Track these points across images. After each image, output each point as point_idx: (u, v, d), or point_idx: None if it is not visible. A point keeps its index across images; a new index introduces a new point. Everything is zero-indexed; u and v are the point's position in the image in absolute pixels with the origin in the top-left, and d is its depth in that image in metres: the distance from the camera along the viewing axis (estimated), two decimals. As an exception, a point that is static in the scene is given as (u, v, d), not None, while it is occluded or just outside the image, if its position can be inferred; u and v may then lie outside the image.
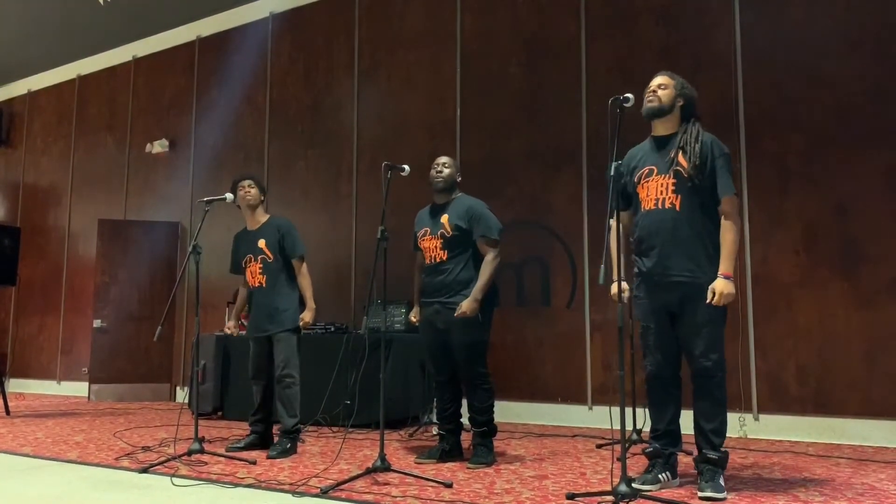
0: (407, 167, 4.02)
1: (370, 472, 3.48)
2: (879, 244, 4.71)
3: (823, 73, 4.99)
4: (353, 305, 6.84)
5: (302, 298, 4.50)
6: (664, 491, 3.14)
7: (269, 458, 4.13)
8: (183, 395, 7.64)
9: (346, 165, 7.13)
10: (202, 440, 4.11)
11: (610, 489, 2.93)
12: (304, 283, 4.49)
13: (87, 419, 6.19)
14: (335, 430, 5.31)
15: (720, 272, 3.13)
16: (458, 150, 6.38)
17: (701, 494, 3.05)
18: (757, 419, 4.98)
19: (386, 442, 3.99)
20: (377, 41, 7.08)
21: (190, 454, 3.99)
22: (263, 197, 4.63)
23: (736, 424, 4.92)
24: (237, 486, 3.42)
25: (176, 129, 8.50)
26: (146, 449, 4.50)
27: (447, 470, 3.75)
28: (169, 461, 3.91)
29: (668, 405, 3.31)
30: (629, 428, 4.26)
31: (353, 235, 6.99)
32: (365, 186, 6.97)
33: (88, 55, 9.35)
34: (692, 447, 3.32)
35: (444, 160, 4.15)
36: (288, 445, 4.27)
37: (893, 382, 4.58)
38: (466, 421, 4.07)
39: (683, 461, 3.67)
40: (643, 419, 4.12)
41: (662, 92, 3.33)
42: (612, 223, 3.13)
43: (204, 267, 4.52)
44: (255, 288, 4.49)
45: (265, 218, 4.59)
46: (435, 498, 3.11)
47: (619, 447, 3.06)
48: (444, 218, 4.04)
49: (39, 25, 8.49)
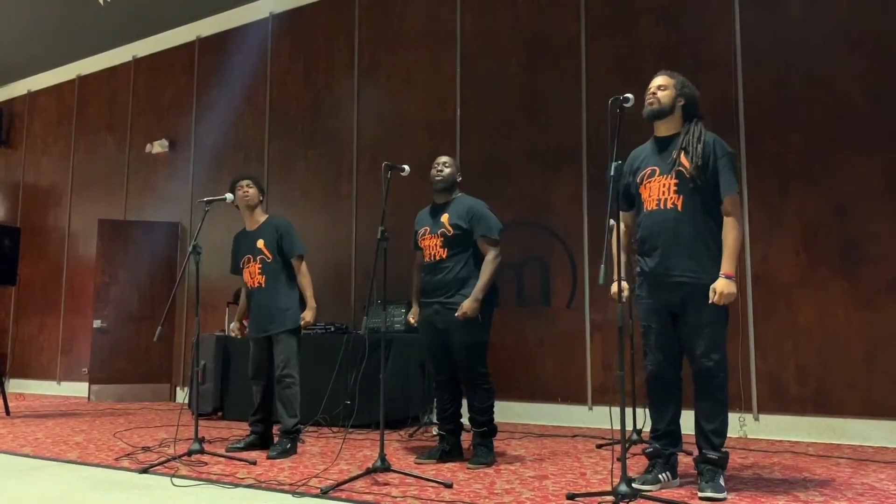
0: (407, 167, 4.02)
1: (370, 472, 3.48)
2: (879, 244, 4.71)
3: (823, 73, 4.99)
4: (353, 305, 6.84)
5: (302, 298, 4.50)
6: (664, 491, 3.14)
7: (269, 458, 4.13)
8: (183, 395, 7.64)
9: (346, 165, 7.13)
10: (202, 440, 4.11)
11: (610, 489, 2.93)
12: (304, 282, 4.49)
13: (87, 419, 6.19)
14: (335, 430, 5.30)
15: (721, 272, 3.12)
16: (458, 150, 6.38)
17: (701, 495, 3.05)
18: (757, 419, 4.98)
19: (386, 442, 3.98)
20: (377, 41, 7.08)
21: (190, 454, 3.99)
22: (262, 197, 4.62)
23: (736, 424, 4.92)
24: (237, 486, 3.42)
25: (176, 129, 8.50)
26: (146, 449, 4.50)
27: (447, 470, 3.75)
28: (169, 461, 3.91)
29: (668, 405, 3.31)
30: (629, 428, 4.26)
31: (353, 235, 6.99)
32: (365, 186, 6.97)
33: (88, 55, 9.36)
34: (692, 447, 3.31)
35: (444, 160, 4.15)
36: (288, 446, 4.26)
37: (893, 382, 4.59)
38: (466, 421, 4.07)
39: (683, 461, 3.67)
40: (643, 419, 4.12)
41: (662, 93, 3.33)
42: (612, 223, 3.13)
43: (204, 267, 4.52)
44: (254, 289, 4.48)
45: (263, 218, 4.59)
46: (435, 498, 3.11)
47: (619, 447, 3.06)
48: (444, 217, 4.03)
49: (39, 25, 8.49)
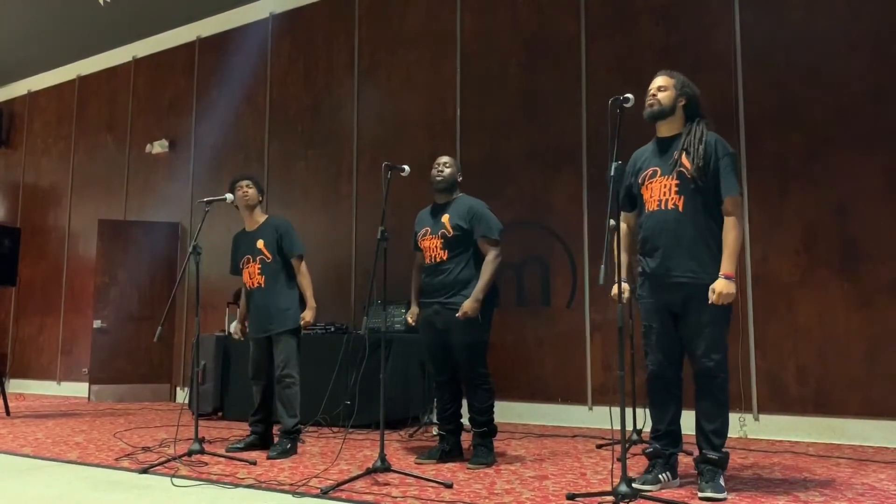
0: (407, 167, 4.01)
1: (370, 472, 3.48)
2: (879, 244, 4.71)
3: (823, 73, 4.99)
4: (353, 305, 6.84)
5: (302, 298, 4.49)
6: (664, 491, 3.14)
7: (269, 458, 4.13)
8: (183, 395, 7.63)
9: (346, 165, 7.13)
10: (202, 440, 4.11)
11: (610, 489, 2.93)
12: (304, 282, 4.48)
13: (87, 420, 6.19)
14: (335, 430, 5.30)
15: (721, 272, 3.12)
16: (458, 150, 6.38)
17: (701, 495, 3.05)
18: (757, 419, 4.98)
19: (386, 442, 3.98)
20: (377, 41, 7.08)
21: (190, 455, 3.98)
22: (262, 197, 4.62)
23: (736, 424, 4.92)
24: (237, 486, 3.42)
25: (176, 129, 8.50)
26: (146, 449, 4.50)
27: (447, 470, 3.75)
28: (169, 462, 3.91)
29: (669, 405, 3.31)
30: (629, 428, 4.26)
31: (353, 235, 6.99)
32: (365, 186, 6.97)
33: (88, 55, 9.36)
34: (693, 447, 3.32)
35: (444, 160, 4.15)
36: (288, 446, 4.26)
37: (893, 382, 4.58)
38: (466, 421, 4.07)
39: (684, 461, 3.67)
40: (643, 419, 4.12)
41: (662, 94, 3.33)
42: (612, 223, 3.13)
43: (204, 267, 4.51)
44: (253, 289, 4.47)
45: (263, 218, 4.59)
46: (435, 498, 3.11)
47: (619, 447, 3.06)
48: (444, 218, 4.03)
49: (39, 25, 8.49)
